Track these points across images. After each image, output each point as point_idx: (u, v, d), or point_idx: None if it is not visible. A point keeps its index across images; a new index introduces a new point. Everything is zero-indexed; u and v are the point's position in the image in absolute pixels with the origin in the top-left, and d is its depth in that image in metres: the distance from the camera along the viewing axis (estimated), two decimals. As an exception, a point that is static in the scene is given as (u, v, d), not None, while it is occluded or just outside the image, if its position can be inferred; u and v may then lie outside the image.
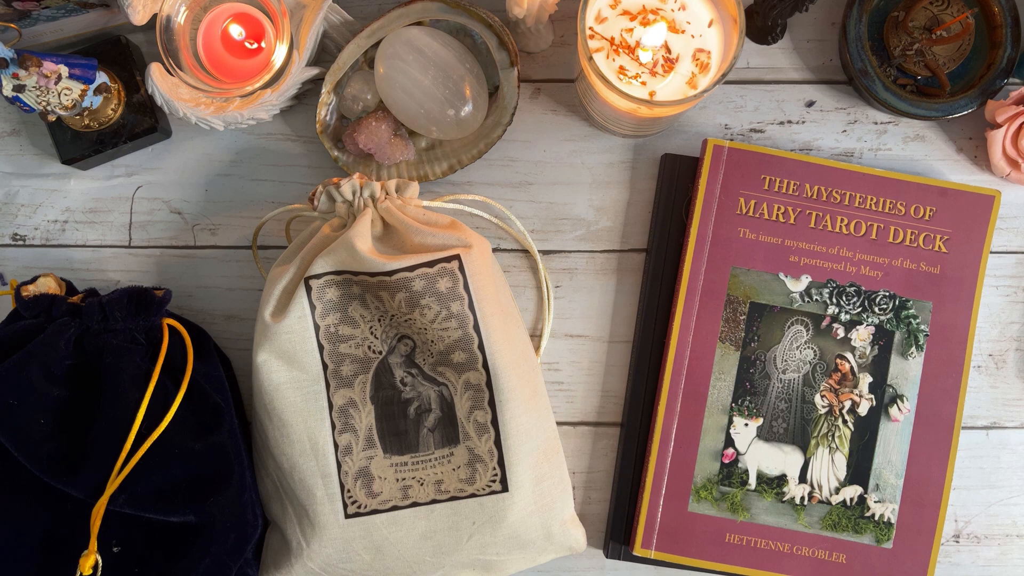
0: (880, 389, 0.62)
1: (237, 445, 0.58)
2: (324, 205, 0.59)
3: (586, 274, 0.66)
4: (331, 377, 0.58)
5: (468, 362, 0.57)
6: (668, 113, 0.57)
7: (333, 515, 0.57)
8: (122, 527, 0.56)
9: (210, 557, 0.55)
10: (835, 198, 0.63)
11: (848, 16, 0.63)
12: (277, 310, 0.58)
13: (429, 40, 0.61)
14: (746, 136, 0.66)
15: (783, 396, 0.62)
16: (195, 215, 0.66)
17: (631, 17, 0.57)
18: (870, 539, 0.62)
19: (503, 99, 0.63)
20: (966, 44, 0.65)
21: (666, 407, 0.62)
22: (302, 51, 0.62)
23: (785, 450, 0.62)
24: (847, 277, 0.63)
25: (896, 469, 0.62)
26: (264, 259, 0.65)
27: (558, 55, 0.67)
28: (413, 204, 0.60)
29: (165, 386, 0.56)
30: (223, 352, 0.63)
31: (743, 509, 0.62)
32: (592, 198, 0.66)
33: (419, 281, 0.56)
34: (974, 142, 0.66)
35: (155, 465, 0.55)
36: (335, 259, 0.56)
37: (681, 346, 0.62)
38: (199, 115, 0.61)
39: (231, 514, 0.56)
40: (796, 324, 0.63)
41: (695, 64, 0.57)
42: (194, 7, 0.61)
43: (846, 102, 0.67)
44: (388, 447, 0.58)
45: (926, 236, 0.63)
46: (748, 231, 0.63)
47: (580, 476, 0.65)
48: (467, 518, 0.58)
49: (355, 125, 0.63)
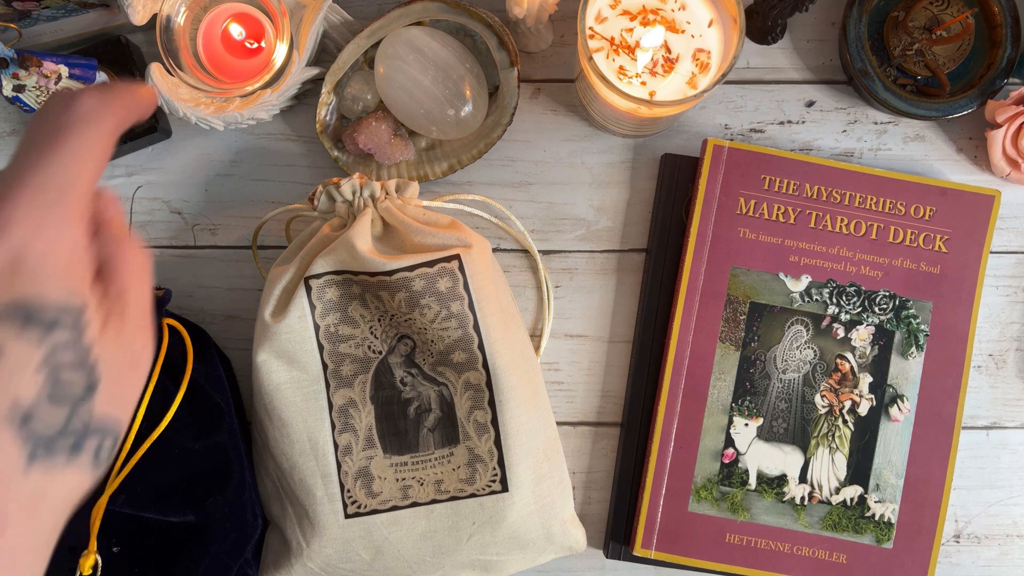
0: (880, 389, 0.62)
1: (237, 445, 0.58)
2: (324, 205, 0.59)
3: (586, 274, 0.66)
4: (331, 377, 0.58)
5: (468, 362, 0.57)
6: (668, 113, 0.57)
7: (333, 515, 0.57)
8: (122, 527, 0.56)
9: (210, 557, 0.55)
10: (835, 198, 0.63)
11: (848, 16, 0.63)
12: (277, 310, 0.58)
13: (429, 40, 0.61)
14: (746, 136, 0.66)
15: (783, 396, 0.62)
16: (195, 215, 0.66)
17: (631, 17, 0.57)
18: (870, 539, 0.62)
19: (503, 99, 0.63)
20: (966, 44, 0.65)
21: (666, 407, 0.62)
22: (302, 51, 0.62)
23: (785, 450, 0.62)
24: (847, 277, 0.63)
25: (896, 469, 0.62)
26: (264, 259, 0.65)
27: (558, 55, 0.67)
28: (413, 204, 0.60)
29: (165, 386, 0.56)
30: (223, 352, 0.63)
31: (743, 509, 0.62)
32: (592, 198, 0.66)
33: (419, 281, 0.56)
34: (974, 142, 0.66)
35: (155, 465, 0.55)
36: (335, 259, 0.56)
37: (681, 346, 0.62)
38: (199, 115, 0.61)
39: (231, 514, 0.57)
40: (796, 324, 0.63)
41: (695, 64, 0.57)
42: (194, 7, 0.61)
43: (846, 102, 0.67)
44: (388, 447, 0.58)
45: (926, 236, 0.63)
46: (748, 231, 0.63)
47: (580, 476, 0.65)
48: (467, 518, 0.58)
49: (355, 125, 0.63)
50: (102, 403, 0.31)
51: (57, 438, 0.30)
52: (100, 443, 0.31)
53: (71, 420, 0.30)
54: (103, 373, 0.31)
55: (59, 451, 0.30)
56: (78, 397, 0.30)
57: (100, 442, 0.31)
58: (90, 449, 0.31)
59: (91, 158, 0.32)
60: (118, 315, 0.32)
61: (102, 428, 0.31)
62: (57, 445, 0.30)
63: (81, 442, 0.30)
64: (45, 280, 0.29)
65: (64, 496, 0.30)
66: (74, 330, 0.30)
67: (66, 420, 0.30)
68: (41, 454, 0.29)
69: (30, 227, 0.29)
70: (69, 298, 0.30)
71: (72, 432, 0.30)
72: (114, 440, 0.32)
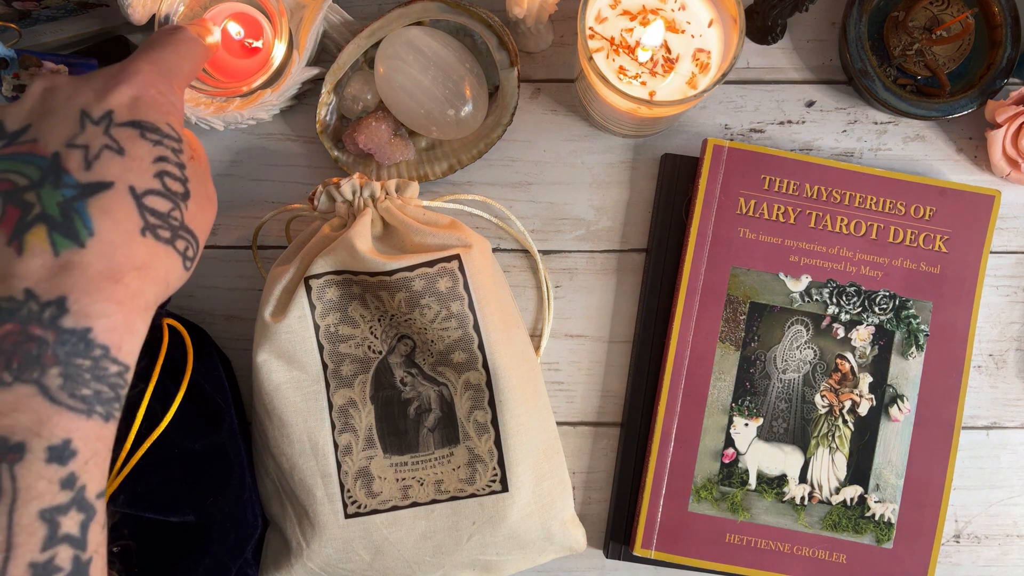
0: (880, 389, 0.62)
1: (237, 445, 0.58)
2: (324, 205, 0.59)
3: (586, 274, 0.66)
4: (331, 377, 0.58)
5: (468, 362, 0.57)
6: (668, 113, 0.57)
7: (333, 515, 0.57)
8: (122, 527, 0.56)
9: (210, 557, 0.55)
10: (835, 198, 0.63)
11: (848, 16, 0.63)
12: (277, 310, 0.58)
13: (429, 40, 0.61)
14: (746, 136, 0.66)
15: (783, 396, 0.62)
16: (195, 215, 0.66)
17: (631, 17, 0.57)
18: (870, 539, 0.62)
19: (503, 99, 0.63)
20: (966, 44, 0.65)
21: (666, 407, 0.62)
22: (302, 51, 0.62)
23: (785, 450, 0.62)
24: (847, 277, 0.63)
25: (896, 469, 0.62)
26: (264, 259, 0.65)
27: (558, 55, 0.67)
28: (413, 204, 0.60)
29: (165, 386, 0.56)
30: (223, 352, 0.63)
31: (743, 509, 0.62)
32: (592, 198, 0.66)
33: (419, 281, 0.56)
34: (974, 142, 0.66)
35: (155, 465, 0.55)
36: (335, 259, 0.56)
37: (681, 346, 0.62)
38: (199, 115, 0.61)
39: (231, 514, 0.57)
40: (796, 324, 0.63)
41: (695, 64, 0.57)
42: (193, 6, 0.61)
43: (846, 102, 0.67)
44: (388, 447, 0.58)
45: (926, 236, 0.63)
46: (748, 231, 0.63)
47: (580, 476, 0.65)
48: (467, 518, 0.58)
49: (355, 125, 0.63)
50: (190, 214, 0.42)
51: (161, 222, 0.40)
52: (187, 244, 0.42)
53: (171, 212, 0.41)
54: (192, 190, 0.42)
55: (163, 234, 0.40)
56: (178, 196, 0.41)
57: (187, 244, 0.42)
58: (181, 246, 0.41)
59: (190, 60, 0.48)
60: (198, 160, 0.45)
61: (191, 232, 0.42)
62: (161, 227, 0.40)
63: (176, 235, 0.41)
64: (155, 114, 0.42)
65: (163, 274, 0.40)
66: (173, 149, 0.42)
67: (168, 211, 0.41)
68: (151, 229, 0.39)
69: (148, 82, 0.43)
70: (169, 129, 0.42)
71: (172, 223, 0.41)
72: (196, 249, 0.43)
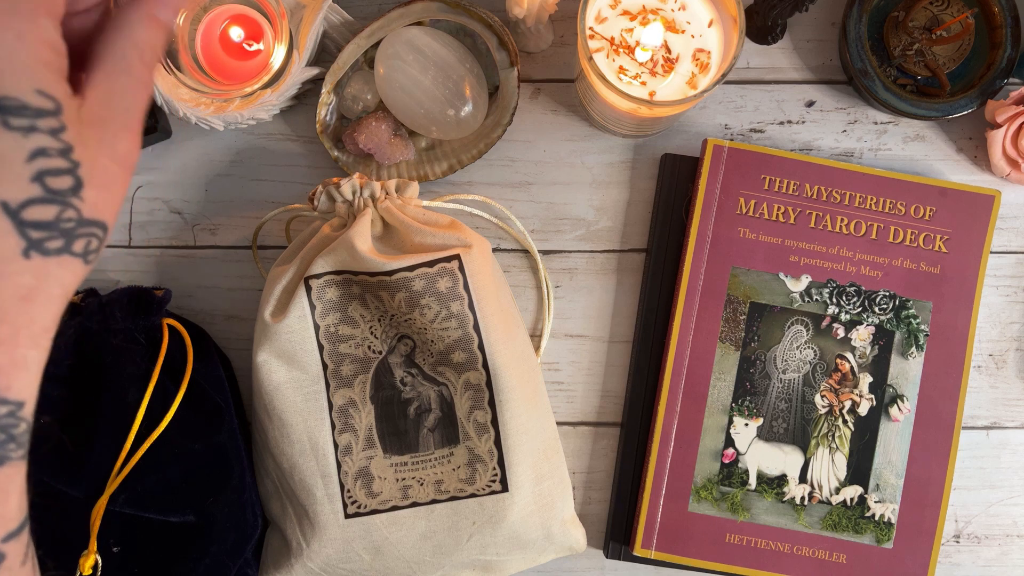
0: (880, 389, 0.62)
1: (237, 445, 0.58)
2: (324, 205, 0.59)
3: (586, 274, 0.66)
4: (331, 377, 0.58)
5: (468, 362, 0.57)
6: (668, 113, 0.57)
7: (333, 515, 0.57)
8: (122, 527, 0.56)
9: (210, 557, 0.55)
10: (835, 198, 0.63)
11: (848, 16, 0.63)
12: (277, 310, 0.58)
13: (429, 40, 0.61)
14: (746, 136, 0.66)
15: (783, 396, 0.62)
16: (195, 215, 0.66)
17: (631, 17, 0.57)
18: (870, 539, 0.62)
19: (503, 99, 0.63)
20: (966, 44, 0.65)
21: (666, 407, 0.62)
22: (302, 51, 0.62)
23: (785, 450, 0.62)
24: (847, 277, 0.63)
25: (896, 469, 0.62)
26: (264, 259, 0.65)
27: (558, 55, 0.67)
28: (413, 204, 0.60)
29: (165, 386, 0.56)
30: (223, 352, 0.63)
31: (743, 509, 0.62)
32: (592, 198, 0.66)
33: (419, 281, 0.56)
34: (974, 142, 0.66)
35: (155, 465, 0.55)
36: (335, 259, 0.56)
37: (681, 346, 0.62)
38: (199, 115, 0.61)
39: (231, 514, 0.57)
40: (796, 324, 0.63)
41: (695, 64, 0.57)
42: (193, 7, 0.61)
43: (846, 102, 0.67)
44: (388, 447, 0.58)
45: (926, 236, 0.63)
46: (748, 231, 0.63)
47: (580, 476, 0.65)
48: (467, 518, 0.58)
49: (355, 125, 0.63)
50: (90, 202, 0.32)
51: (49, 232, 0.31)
52: (89, 239, 0.33)
53: (61, 215, 0.31)
54: (87, 169, 0.32)
55: (52, 245, 0.31)
56: (67, 192, 0.31)
57: (89, 239, 0.33)
58: (80, 247, 0.32)
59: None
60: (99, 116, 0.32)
61: (91, 225, 0.33)
62: (49, 238, 0.31)
63: (72, 237, 0.32)
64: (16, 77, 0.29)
65: (58, 289, 0.32)
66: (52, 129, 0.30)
67: (56, 216, 0.31)
68: (35, 246, 0.31)
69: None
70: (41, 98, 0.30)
71: (64, 227, 0.32)
72: (101, 238, 0.34)
